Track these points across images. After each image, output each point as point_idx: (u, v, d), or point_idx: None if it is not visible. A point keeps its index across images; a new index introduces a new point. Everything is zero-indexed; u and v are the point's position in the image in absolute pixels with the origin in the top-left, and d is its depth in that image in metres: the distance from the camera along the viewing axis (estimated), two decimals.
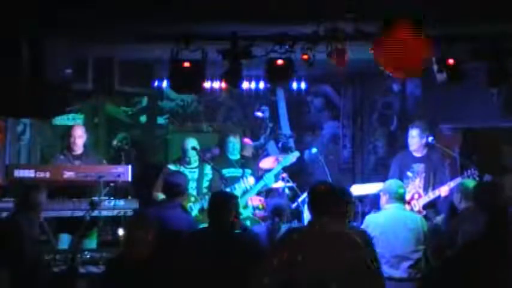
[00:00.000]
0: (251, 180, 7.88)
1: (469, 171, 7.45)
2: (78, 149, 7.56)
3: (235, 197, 5.49)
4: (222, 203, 5.23)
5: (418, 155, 7.85)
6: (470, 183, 6.56)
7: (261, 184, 8.00)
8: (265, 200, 8.31)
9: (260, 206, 8.14)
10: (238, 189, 7.81)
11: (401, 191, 6.29)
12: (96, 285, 5.63)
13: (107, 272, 5.10)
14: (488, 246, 4.81)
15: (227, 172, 7.97)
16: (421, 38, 6.35)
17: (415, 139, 7.77)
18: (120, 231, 6.94)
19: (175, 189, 6.30)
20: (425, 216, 7.04)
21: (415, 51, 6.34)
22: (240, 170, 8.04)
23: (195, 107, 10.88)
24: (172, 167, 7.79)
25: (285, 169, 8.19)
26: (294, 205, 8.29)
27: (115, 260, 5.14)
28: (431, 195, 7.62)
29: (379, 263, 4.97)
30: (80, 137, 7.55)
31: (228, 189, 7.67)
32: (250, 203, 8.02)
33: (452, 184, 7.51)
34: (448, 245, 5.92)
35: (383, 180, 7.10)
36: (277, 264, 4.30)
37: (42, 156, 9.35)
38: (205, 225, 7.59)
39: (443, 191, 7.53)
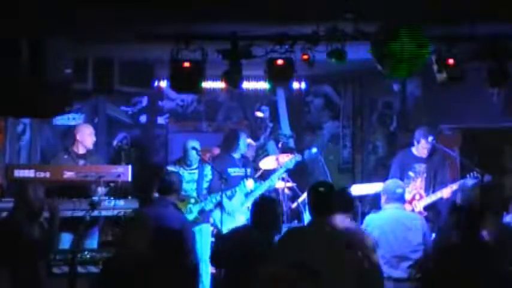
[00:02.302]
0: (251, 183, 7.87)
1: (471, 174, 7.43)
2: (87, 147, 7.58)
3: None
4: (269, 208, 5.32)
5: (422, 155, 7.85)
6: (471, 183, 6.58)
7: (266, 185, 7.99)
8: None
9: None
10: (239, 193, 7.79)
11: (399, 191, 6.29)
12: (94, 286, 5.62)
13: (103, 272, 5.09)
14: (465, 250, 4.80)
15: (233, 171, 7.95)
16: (421, 38, 6.36)
17: (428, 149, 7.77)
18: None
19: (169, 187, 6.34)
20: (426, 218, 7.03)
21: (414, 51, 6.35)
22: (243, 169, 8.03)
23: (195, 107, 10.89)
24: (172, 168, 7.77)
25: (286, 169, 8.19)
26: (294, 205, 8.30)
27: (111, 260, 5.14)
28: (433, 197, 7.62)
29: (379, 262, 4.97)
30: (91, 135, 7.59)
31: (229, 192, 7.67)
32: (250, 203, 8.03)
33: (454, 186, 7.52)
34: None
35: (383, 180, 7.10)
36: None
37: (42, 156, 9.34)
38: (204, 224, 7.69)
39: (445, 193, 7.52)
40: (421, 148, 7.80)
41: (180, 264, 5.71)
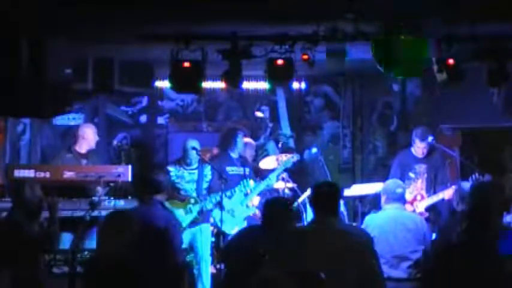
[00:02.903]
0: (251, 183, 7.88)
1: (474, 176, 7.42)
2: (91, 146, 7.59)
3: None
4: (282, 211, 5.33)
5: (419, 155, 7.85)
6: (467, 185, 6.59)
7: (264, 184, 8.00)
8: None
9: None
10: (239, 192, 7.79)
11: (399, 191, 6.28)
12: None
13: (84, 273, 5.07)
14: (467, 250, 4.79)
15: (231, 170, 7.95)
16: (421, 38, 6.37)
17: (426, 149, 7.77)
18: None
19: (155, 186, 6.33)
20: (427, 219, 7.03)
21: (414, 51, 6.35)
22: (242, 168, 8.04)
23: (195, 107, 10.88)
24: (171, 168, 7.77)
25: (285, 169, 8.19)
26: (294, 205, 8.28)
27: (92, 260, 5.13)
28: (434, 198, 7.61)
29: (379, 262, 4.97)
30: (94, 136, 7.61)
31: (228, 193, 7.67)
32: (251, 203, 8.02)
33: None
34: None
35: (383, 180, 7.11)
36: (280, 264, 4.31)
37: (42, 156, 9.34)
38: (204, 224, 7.68)
39: (447, 194, 7.51)
40: (416, 148, 7.81)
41: (164, 263, 5.70)
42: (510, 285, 4.55)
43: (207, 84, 8.52)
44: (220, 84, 8.62)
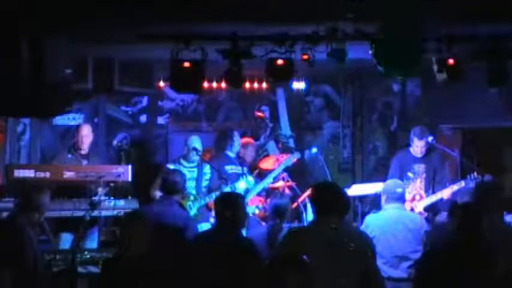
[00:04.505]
0: (250, 179, 7.89)
1: (472, 175, 7.42)
2: (85, 148, 7.61)
3: (243, 197, 5.56)
4: (234, 204, 5.23)
5: (418, 155, 7.85)
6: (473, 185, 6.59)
7: (263, 184, 8.00)
8: (267, 200, 8.29)
9: (260, 206, 8.14)
10: (239, 189, 7.80)
11: (399, 190, 6.29)
12: (95, 285, 5.62)
13: (103, 271, 5.08)
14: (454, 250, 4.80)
15: (230, 169, 7.96)
16: (421, 37, 6.37)
17: (424, 148, 7.77)
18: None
19: (173, 186, 6.37)
20: (426, 218, 7.03)
21: (414, 50, 6.35)
22: (240, 167, 8.05)
23: (195, 107, 10.88)
24: (171, 165, 7.80)
25: (285, 169, 8.19)
26: (294, 205, 8.28)
27: (112, 259, 5.13)
28: (433, 198, 7.61)
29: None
30: (87, 136, 7.62)
31: (228, 189, 7.68)
32: (250, 203, 8.02)
33: (455, 187, 7.50)
34: None
35: (383, 180, 7.11)
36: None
37: (42, 156, 9.34)
38: (204, 224, 7.70)
39: (446, 194, 7.52)
40: (415, 147, 7.82)
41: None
42: (500, 285, 4.55)
43: (207, 84, 8.53)
44: (220, 84, 8.63)
